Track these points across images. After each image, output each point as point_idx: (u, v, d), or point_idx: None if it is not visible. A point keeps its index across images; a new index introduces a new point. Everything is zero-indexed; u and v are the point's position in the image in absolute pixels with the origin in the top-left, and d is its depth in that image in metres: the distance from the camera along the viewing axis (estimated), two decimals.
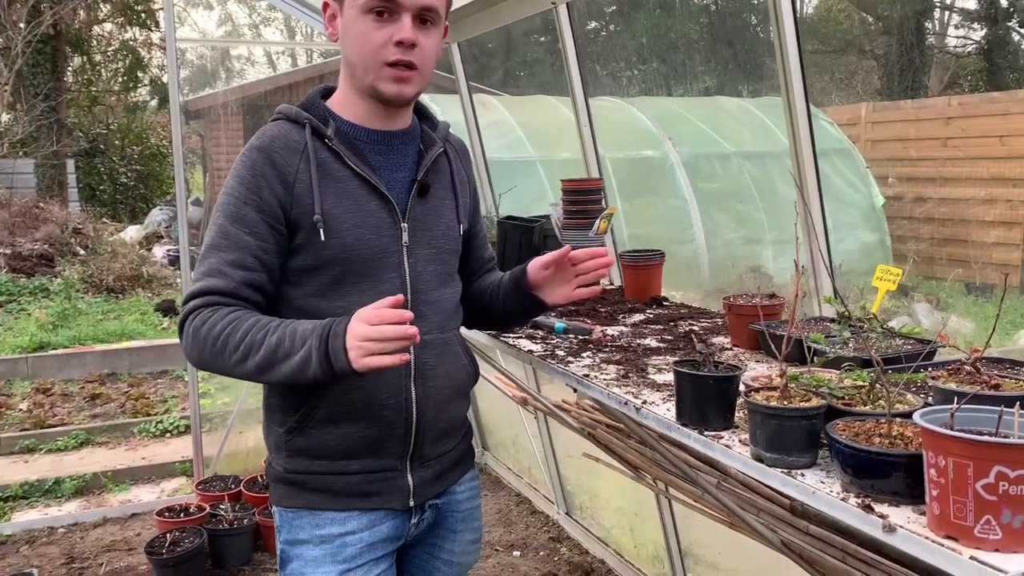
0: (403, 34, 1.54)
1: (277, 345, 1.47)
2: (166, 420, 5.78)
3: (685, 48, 11.37)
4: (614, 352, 1.95)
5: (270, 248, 1.57)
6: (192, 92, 14.86)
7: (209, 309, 1.53)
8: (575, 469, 4.04)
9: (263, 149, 1.59)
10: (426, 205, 1.70)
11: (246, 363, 1.49)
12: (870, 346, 1.44)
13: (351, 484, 1.65)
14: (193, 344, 1.54)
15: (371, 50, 1.56)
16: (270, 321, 1.52)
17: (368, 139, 1.66)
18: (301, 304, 1.61)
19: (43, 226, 10.40)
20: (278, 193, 1.56)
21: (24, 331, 7.66)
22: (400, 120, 1.70)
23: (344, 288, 1.60)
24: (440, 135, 1.77)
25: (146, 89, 16.72)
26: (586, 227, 2.67)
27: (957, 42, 14.17)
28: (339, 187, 1.60)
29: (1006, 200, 7.98)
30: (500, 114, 7.72)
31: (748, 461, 1.27)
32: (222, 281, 1.54)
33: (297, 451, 1.65)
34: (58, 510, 4.56)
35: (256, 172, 1.57)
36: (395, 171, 1.67)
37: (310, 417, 1.61)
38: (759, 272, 6.94)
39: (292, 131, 1.61)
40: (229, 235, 1.56)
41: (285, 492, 1.69)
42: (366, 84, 1.60)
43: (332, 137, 1.60)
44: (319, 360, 1.44)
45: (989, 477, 0.95)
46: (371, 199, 1.62)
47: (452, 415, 1.76)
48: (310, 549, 1.65)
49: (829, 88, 13.33)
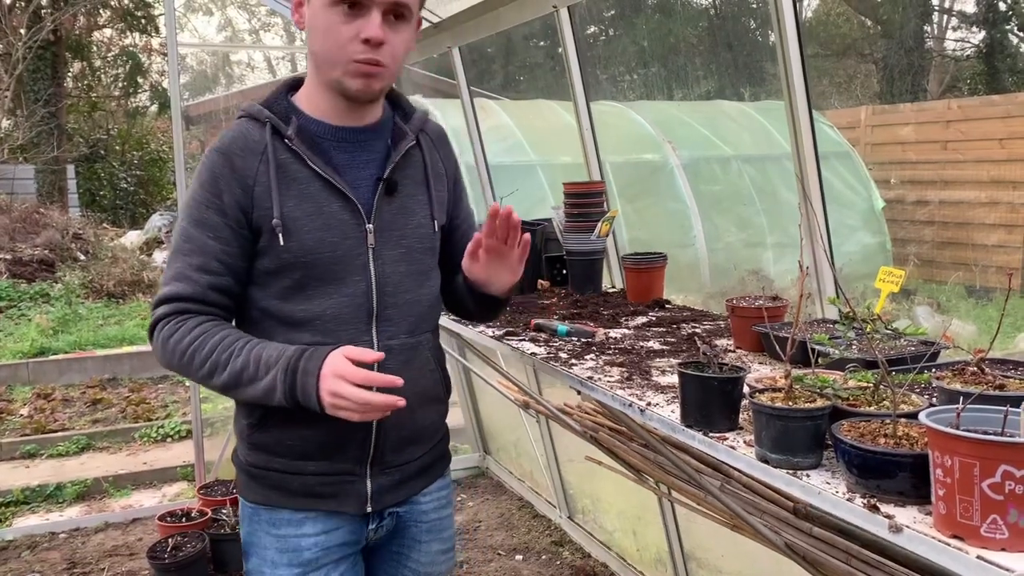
0: (371, 32, 1.48)
1: (242, 369, 1.48)
2: (167, 425, 5.78)
3: (685, 52, 11.38)
4: (617, 354, 1.95)
5: (234, 251, 1.56)
6: (192, 97, 14.85)
7: (177, 319, 1.53)
8: (577, 473, 4.04)
9: (222, 151, 1.56)
10: (394, 204, 1.64)
11: (212, 380, 1.51)
12: (875, 347, 1.44)
13: (307, 485, 1.63)
14: (162, 354, 1.56)
15: (337, 45, 1.50)
16: (236, 340, 1.51)
17: (333, 136, 1.61)
18: (266, 306, 1.59)
19: (43, 231, 10.40)
20: (238, 196, 1.54)
21: (25, 336, 7.66)
22: (368, 115, 1.64)
23: (307, 292, 1.57)
24: (414, 126, 1.70)
25: (146, 94, 16.70)
26: (588, 230, 2.67)
27: (956, 45, 14.19)
28: (299, 189, 1.56)
29: (1007, 203, 7.98)
30: (500, 118, 7.72)
31: (753, 462, 1.27)
32: (188, 286, 1.54)
33: (257, 445, 1.65)
34: (59, 515, 4.56)
35: (216, 175, 1.55)
36: (361, 169, 1.62)
37: (270, 415, 1.60)
38: (760, 275, 6.94)
39: (253, 130, 1.58)
40: (193, 239, 1.55)
41: (246, 484, 1.69)
42: (331, 78, 1.55)
43: (293, 137, 1.56)
44: (283, 392, 1.46)
45: (995, 476, 0.95)
46: (333, 200, 1.57)
47: (418, 422, 1.70)
48: (267, 549, 1.66)
49: (829, 92, 13.34)
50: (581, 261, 2.72)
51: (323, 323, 1.57)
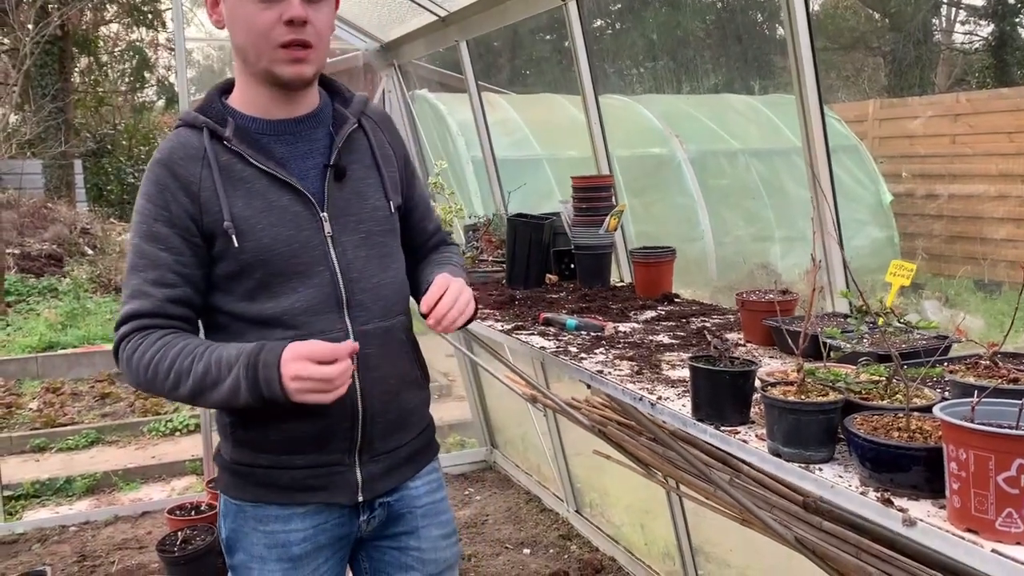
0: (292, 12, 1.47)
1: (204, 373, 1.47)
2: (175, 419, 5.80)
3: (692, 45, 11.34)
4: (627, 348, 1.95)
5: (188, 261, 1.54)
6: (199, 92, 14.87)
7: (138, 336, 1.51)
8: (584, 467, 4.04)
9: (163, 163, 1.54)
10: (346, 189, 1.63)
11: (178, 390, 1.49)
12: (887, 340, 1.44)
13: (296, 479, 1.62)
14: (128, 373, 1.54)
15: (260, 32, 1.49)
16: (196, 346, 1.50)
17: (271, 131, 1.59)
18: (232, 309, 1.58)
19: (51, 226, 10.44)
20: (185, 205, 1.52)
21: (33, 331, 7.70)
22: (303, 104, 1.62)
23: (272, 289, 1.56)
24: (354, 110, 1.69)
25: (152, 89, 16.74)
26: (596, 224, 2.67)
27: (964, 38, 14.11)
28: (246, 188, 1.54)
29: (1016, 197, 7.94)
30: (506, 112, 7.71)
31: (765, 456, 1.27)
32: (146, 302, 1.52)
33: (242, 442, 1.63)
34: (69, 508, 4.58)
35: (161, 187, 1.53)
36: (304, 159, 1.60)
37: (253, 411, 1.55)
38: (768, 269, 6.93)
39: (192, 137, 1.56)
40: (146, 254, 1.53)
41: (231, 482, 1.67)
42: (260, 69, 1.53)
43: (231, 138, 1.54)
44: (248, 388, 1.44)
45: (1011, 470, 0.95)
46: (283, 194, 1.56)
47: (403, 406, 1.70)
48: (255, 545, 1.64)
49: (836, 85, 13.29)
50: (589, 255, 2.71)
51: (294, 317, 1.56)
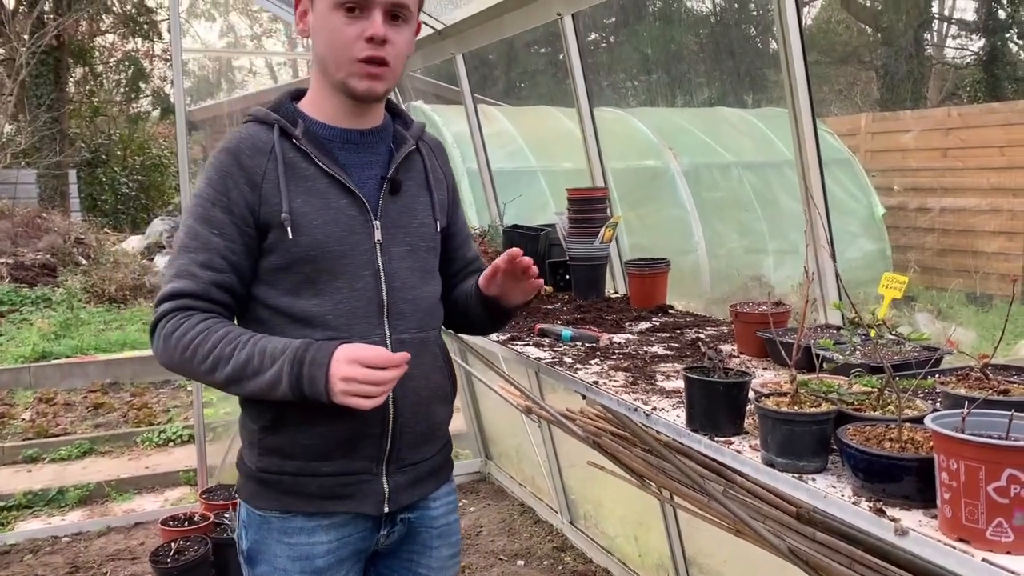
0: (374, 30, 1.54)
1: (246, 361, 1.49)
2: (169, 430, 5.78)
3: (686, 59, 11.41)
4: (622, 359, 1.96)
5: (238, 249, 1.58)
6: (194, 103, 14.88)
7: (181, 315, 1.54)
8: (579, 478, 4.04)
9: (230, 151, 1.59)
10: (399, 202, 1.69)
11: (214, 374, 1.51)
12: (879, 352, 1.45)
13: (324, 486, 1.63)
14: (164, 349, 1.55)
15: (342, 46, 1.56)
16: (240, 334, 1.52)
17: (337, 137, 1.66)
18: (275, 304, 1.60)
19: (45, 236, 10.41)
20: (246, 194, 1.57)
21: (26, 341, 7.67)
22: (370, 118, 1.70)
23: (318, 286, 1.59)
24: (413, 133, 1.77)
25: (148, 99, 16.76)
26: (591, 236, 2.68)
27: (956, 53, 14.23)
28: (307, 185, 1.60)
29: (1007, 210, 7.99)
30: (502, 124, 7.74)
31: (759, 466, 1.28)
32: (192, 283, 1.55)
33: (270, 449, 1.64)
34: (62, 519, 4.56)
35: (224, 173, 1.58)
36: (365, 168, 1.67)
37: (284, 416, 1.59)
38: (761, 281, 6.96)
39: (261, 132, 1.62)
40: (199, 236, 1.57)
41: (255, 491, 1.67)
42: (337, 80, 1.60)
43: (300, 137, 1.61)
44: (289, 383, 1.47)
45: (1001, 480, 0.96)
46: (340, 196, 1.62)
47: (432, 419, 1.73)
48: (278, 557, 1.65)
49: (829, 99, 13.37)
50: (584, 267, 2.73)
51: (335, 318, 1.59)
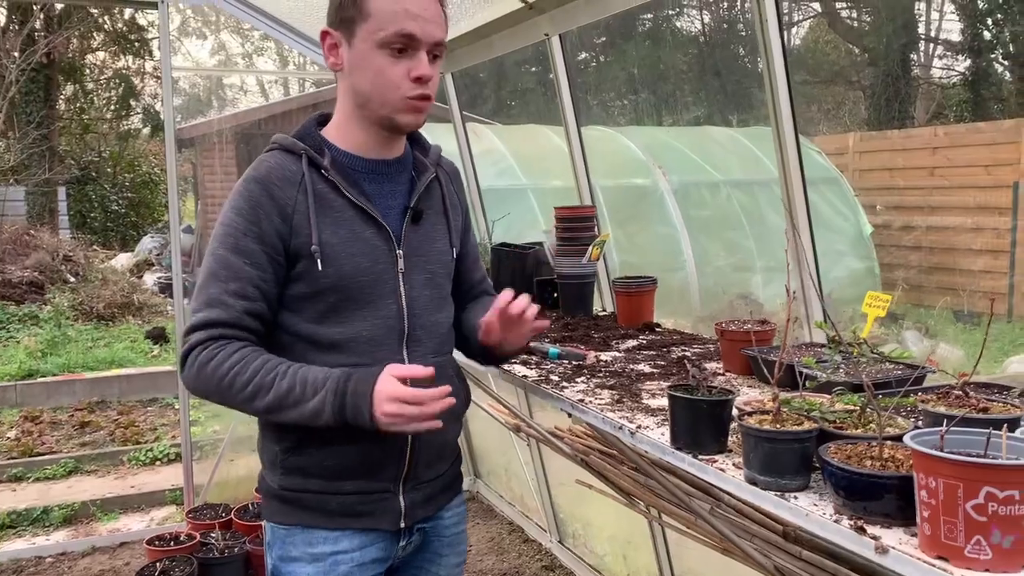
0: (422, 70, 1.59)
1: (288, 391, 1.53)
2: (156, 448, 5.74)
3: (674, 79, 11.50)
4: (608, 377, 1.96)
5: (269, 278, 1.60)
6: (185, 120, 14.88)
7: (215, 344, 1.56)
8: (568, 497, 4.03)
9: (260, 181, 1.62)
10: (420, 231, 1.74)
11: (254, 402, 1.54)
12: (861, 371, 1.46)
13: (345, 504, 1.67)
14: (198, 377, 1.57)
15: (390, 85, 1.59)
16: (279, 363, 1.56)
17: (364, 168, 1.70)
18: (298, 330, 1.64)
19: (33, 253, 10.37)
20: (276, 224, 1.59)
21: (13, 359, 7.62)
22: (395, 148, 1.74)
23: (343, 315, 1.63)
24: (432, 160, 1.81)
25: (138, 117, 16.76)
26: (579, 254, 2.70)
27: (942, 73, 14.39)
28: (335, 216, 1.63)
29: (992, 228, 8.06)
30: (492, 143, 7.78)
31: (742, 484, 1.29)
32: (224, 312, 1.57)
33: (293, 469, 1.67)
34: (46, 539, 4.51)
35: (255, 204, 1.60)
36: (389, 198, 1.71)
37: (308, 437, 1.63)
38: (749, 299, 6.99)
39: (288, 162, 1.64)
40: (230, 265, 1.58)
41: (279, 508, 1.71)
42: (381, 115, 1.64)
43: (328, 168, 1.63)
44: (332, 412, 1.52)
45: (979, 498, 0.97)
46: (367, 227, 1.65)
47: (446, 438, 1.79)
48: (303, 566, 1.68)
49: (817, 118, 13.49)
50: (572, 284, 2.74)
51: (358, 344, 1.63)
